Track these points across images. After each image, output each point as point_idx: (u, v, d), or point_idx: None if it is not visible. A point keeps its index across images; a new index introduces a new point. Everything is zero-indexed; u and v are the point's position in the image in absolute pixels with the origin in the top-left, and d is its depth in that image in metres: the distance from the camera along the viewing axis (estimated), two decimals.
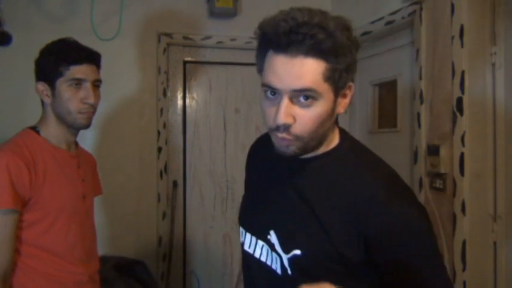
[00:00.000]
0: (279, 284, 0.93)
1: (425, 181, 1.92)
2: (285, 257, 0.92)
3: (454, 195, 1.73)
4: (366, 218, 0.85)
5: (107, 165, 2.35)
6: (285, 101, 0.84)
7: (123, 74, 2.48)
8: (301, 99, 0.84)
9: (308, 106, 0.85)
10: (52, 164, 1.33)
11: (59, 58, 1.33)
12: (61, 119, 1.37)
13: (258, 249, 1.00)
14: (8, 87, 2.29)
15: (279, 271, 0.94)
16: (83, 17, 2.30)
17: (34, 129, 1.38)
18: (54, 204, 1.31)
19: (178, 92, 2.64)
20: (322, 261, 0.88)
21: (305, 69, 0.82)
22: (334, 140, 0.96)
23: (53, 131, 1.38)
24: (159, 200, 2.52)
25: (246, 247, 1.03)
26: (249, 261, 1.03)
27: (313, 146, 0.91)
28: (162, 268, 2.52)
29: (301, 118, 0.85)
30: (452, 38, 1.75)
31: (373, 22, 2.29)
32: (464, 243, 1.68)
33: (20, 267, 1.27)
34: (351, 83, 0.93)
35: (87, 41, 1.40)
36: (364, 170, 0.92)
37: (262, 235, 0.98)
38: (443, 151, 1.80)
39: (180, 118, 2.64)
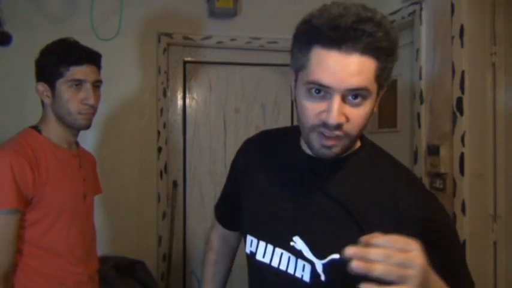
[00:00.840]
0: None
1: (425, 181, 1.92)
2: (318, 263, 0.88)
3: (454, 195, 1.73)
4: (405, 214, 0.85)
5: (107, 165, 2.35)
6: (338, 100, 0.80)
7: (123, 74, 2.48)
8: (351, 97, 0.82)
9: (358, 105, 0.83)
10: (54, 163, 1.33)
11: (59, 59, 1.32)
12: (61, 119, 1.36)
13: (275, 258, 0.94)
14: (8, 87, 2.29)
15: (306, 279, 0.90)
16: (83, 17, 2.30)
17: (36, 128, 1.38)
18: (55, 204, 1.31)
19: (178, 92, 2.64)
20: None
21: (362, 68, 0.80)
22: (357, 143, 0.95)
23: (53, 131, 1.38)
24: (159, 200, 2.52)
25: (259, 257, 0.97)
26: (263, 272, 0.97)
27: (351, 146, 0.90)
28: (162, 268, 2.52)
29: (353, 117, 0.83)
30: (452, 38, 1.75)
31: None
32: (464, 243, 1.68)
33: (20, 267, 1.27)
34: (385, 86, 0.91)
35: (87, 41, 1.40)
36: (392, 168, 0.94)
37: (283, 243, 0.93)
38: (443, 151, 1.80)
39: (180, 118, 2.64)
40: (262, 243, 0.97)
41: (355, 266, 0.64)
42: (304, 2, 2.70)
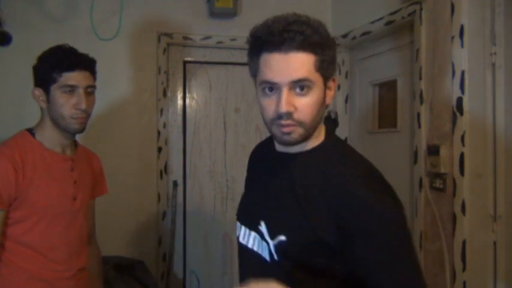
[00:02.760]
0: (268, 269, 0.99)
1: (425, 181, 1.92)
2: (271, 244, 1.00)
3: (454, 195, 1.73)
4: (338, 207, 0.93)
5: (107, 165, 2.34)
6: (286, 92, 0.94)
7: (123, 74, 2.48)
8: (298, 89, 0.95)
9: (305, 95, 0.95)
10: (41, 166, 1.38)
11: (52, 65, 1.37)
12: (56, 123, 1.41)
13: (251, 239, 1.09)
14: (8, 87, 2.29)
15: (267, 258, 1.02)
16: (83, 17, 2.30)
17: (30, 131, 1.43)
18: (39, 204, 1.36)
19: (178, 92, 2.64)
20: (304, 246, 0.96)
21: (299, 62, 0.93)
22: (321, 137, 1.06)
23: (48, 134, 1.43)
24: (159, 200, 2.52)
25: (241, 239, 1.12)
26: (242, 252, 1.12)
27: (311, 133, 1.01)
28: (162, 268, 2.52)
29: (301, 106, 0.95)
30: (452, 38, 1.75)
31: (373, 22, 2.29)
32: (464, 243, 1.68)
33: (3, 261, 1.34)
34: (334, 77, 1.03)
35: (87, 41, 1.40)
36: (343, 163, 1.01)
37: (254, 226, 1.07)
38: (443, 151, 1.80)
39: (180, 118, 2.64)
40: (243, 228, 1.13)
41: None
42: (304, 2, 2.71)
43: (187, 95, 2.67)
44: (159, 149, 2.54)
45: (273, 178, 1.08)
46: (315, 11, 2.84)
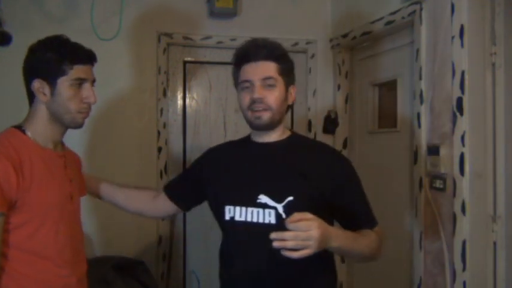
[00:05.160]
0: (274, 231, 1.16)
1: (425, 181, 1.92)
2: (279, 206, 1.34)
3: (454, 195, 1.73)
4: (333, 168, 1.42)
5: (107, 165, 2.35)
6: (258, 85, 1.38)
7: (123, 74, 2.49)
8: (266, 84, 1.38)
9: (271, 89, 1.38)
10: (39, 164, 1.29)
11: (62, 56, 1.30)
12: (57, 117, 1.34)
13: (249, 214, 1.37)
14: (8, 87, 2.29)
15: (273, 221, 1.34)
16: (83, 17, 2.30)
17: (19, 128, 1.34)
18: (41, 206, 1.28)
19: (178, 92, 2.64)
20: (309, 201, 1.33)
21: (266, 67, 1.39)
22: (287, 132, 1.49)
23: (40, 130, 1.34)
24: None
25: (237, 218, 1.39)
26: (239, 228, 1.39)
27: (277, 120, 1.41)
28: (162, 268, 2.52)
29: (269, 95, 1.38)
30: (452, 38, 1.75)
31: (373, 22, 2.29)
32: (464, 243, 1.68)
33: (6, 271, 1.24)
34: (293, 86, 1.47)
35: (87, 41, 1.39)
36: (319, 143, 1.68)
37: (252, 202, 1.37)
38: (443, 151, 1.80)
39: (180, 118, 2.64)
40: (237, 208, 1.39)
41: (276, 244, 1.11)
42: (304, 2, 2.72)
43: (187, 95, 2.67)
44: (159, 149, 2.54)
45: (262, 161, 1.43)
46: (315, 11, 2.88)
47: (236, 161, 1.50)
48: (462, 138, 1.70)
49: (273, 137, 1.44)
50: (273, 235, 1.12)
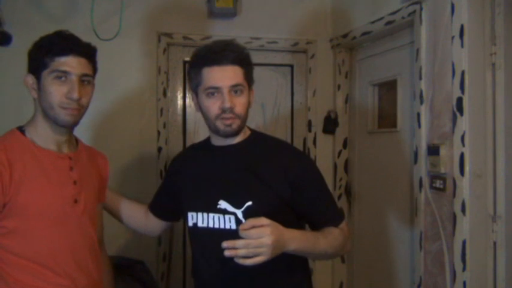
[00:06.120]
0: (234, 236, 1.16)
1: (425, 181, 1.92)
2: (239, 212, 1.32)
3: (454, 195, 1.73)
4: (290, 168, 1.37)
5: None
6: (227, 93, 1.31)
7: (123, 74, 2.48)
8: (235, 91, 1.33)
9: (239, 96, 1.34)
10: (33, 166, 1.23)
11: (45, 49, 1.24)
12: (46, 114, 1.27)
13: (210, 221, 1.36)
14: (8, 87, 2.29)
15: (233, 227, 1.32)
16: (83, 17, 2.30)
17: (20, 129, 1.30)
18: (33, 209, 1.21)
19: (178, 92, 2.64)
20: (267, 205, 1.32)
21: (235, 72, 1.33)
22: (247, 131, 1.46)
23: (40, 130, 1.29)
24: None
25: (200, 224, 1.38)
26: (204, 235, 1.39)
27: (243, 125, 1.38)
28: (162, 268, 2.52)
29: (238, 103, 1.33)
30: (452, 38, 1.75)
31: (373, 22, 2.29)
32: (464, 243, 1.68)
33: (3, 277, 1.20)
34: (252, 88, 1.43)
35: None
36: (277, 141, 1.51)
37: (212, 208, 1.35)
38: (443, 151, 1.80)
39: (180, 118, 2.64)
40: (199, 214, 1.39)
41: (227, 253, 1.12)
42: (304, 2, 2.72)
43: (187, 95, 2.67)
44: (159, 149, 2.54)
45: (219, 168, 1.41)
46: (315, 11, 2.88)
47: (197, 167, 1.48)
48: (462, 138, 1.70)
49: (235, 139, 1.41)
50: (224, 244, 1.12)
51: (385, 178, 2.36)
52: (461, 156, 1.70)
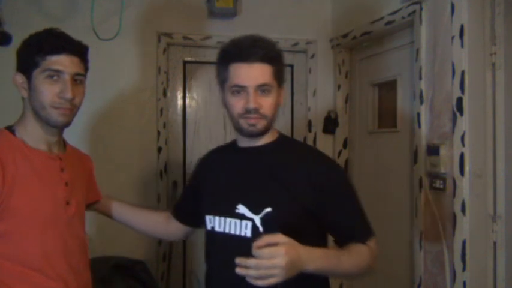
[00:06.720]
0: (247, 245, 1.09)
1: (425, 181, 1.92)
2: (256, 218, 1.24)
3: (454, 195, 1.73)
4: (316, 174, 1.27)
5: (107, 165, 2.35)
6: (253, 93, 1.23)
7: (123, 74, 2.48)
8: (262, 91, 1.25)
9: (266, 95, 1.26)
10: (24, 167, 1.20)
11: (35, 47, 1.20)
12: (37, 114, 1.23)
13: (227, 226, 1.29)
14: (8, 87, 2.29)
15: (248, 234, 1.24)
16: (83, 17, 2.30)
17: (10, 128, 1.26)
18: (26, 212, 1.18)
19: (178, 92, 2.64)
20: (288, 213, 1.22)
21: (262, 71, 1.24)
22: (275, 134, 1.37)
23: (30, 130, 1.25)
24: (159, 200, 2.52)
25: (217, 228, 1.31)
26: (220, 239, 1.31)
27: (270, 126, 1.30)
28: (162, 268, 2.52)
29: (265, 103, 1.25)
30: (452, 38, 1.75)
31: (373, 22, 2.29)
32: (464, 243, 1.68)
33: None
34: (283, 86, 1.34)
35: (87, 41, 1.39)
36: (305, 146, 1.48)
37: (231, 213, 1.28)
38: (443, 151, 1.80)
39: (180, 118, 2.64)
40: (217, 218, 1.32)
41: (238, 270, 1.02)
42: (304, 2, 2.71)
43: (187, 95, 2.67)
44: (159, 149, 2.53)
45: (241, 168, 1.34)
46: (315, 11, 2.88)
47: (219, 168, 1.42)
48: (462, 138, 1.70)
49: (260, 141, 1.33)
50: (237, 260, 1.02)
51: (385, 178, 2.36)
52: (461, 156, 1.70)
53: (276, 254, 1.01)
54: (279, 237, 1.04)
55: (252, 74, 1.23)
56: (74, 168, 1.36)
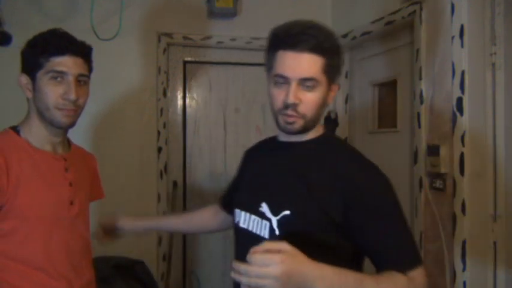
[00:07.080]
0: None
1: (425, 181, 1.92)
2: (274, 220, 1.12)
3: (454, 195, 1.73)
4: (348, 180, 1.08)
5: (107, 166, 2.34)
6: (294, 86, 1.08)
7: (123, 74, 2.49)
8: (305, 85, 1.09)
9: (310, 91, 1.09)
10: (29, 167, 1.20)
11: (40, 48, 1.21)
12: (41, 115, 1.24)
13: (251, 223, 1.19)
14: (8, 87, 2.29)
15: (265, 235, 1.12)
16: (83, 17, 2.30)
17: (15, 128, 1.27)
18: (31, 212, 1.18)
19: (178, 92, 2.64)
20: (307, 218, 1.08)
21: (310, 63, 1.07)
22: (320, 130, 1.21)
23: (35, 131, 1.26)
24: (159, 200, 2.52)
25: (241, 224, 1.22)
26: (242, 236, 1.22)
27: (311, 126, 1.15)
28: (162, 268, 2.52)
29: (306, 100, 1.09)
30: (452, 38, 1.75)
31: (373, 22, 2.29)
32: (464, 243, 1.68)
33: None
34: (337, 83, 1.17)
35: (87, 41, 1.39)
36: (342, 148, 1.22)
37: (255, 209, 1.17)
38: (443, 151, 1.80)
39: (180, 118, 2.64)
40: (243, 213, 1.22)
41: (232, 275, 0.90)
42: (304, 2, 2.71)
43: (187, 95, 2.67)
44: (159, 149, 2.54)
45: (273, 163, 1.22)
46: (315, 11, 2.88)
47: (257, 162, 1.32)
48: (462, 138, 1.70)
49: (300, 137, 1.19)
50: (233, 264, 0.91)
51: None
52: (461, 156, 1.70)
53: (270, 262, 0.87)
54: (282, 245, 0.91)
55: (298, 64, 1.07)
56: (78, 168, 1.36)
